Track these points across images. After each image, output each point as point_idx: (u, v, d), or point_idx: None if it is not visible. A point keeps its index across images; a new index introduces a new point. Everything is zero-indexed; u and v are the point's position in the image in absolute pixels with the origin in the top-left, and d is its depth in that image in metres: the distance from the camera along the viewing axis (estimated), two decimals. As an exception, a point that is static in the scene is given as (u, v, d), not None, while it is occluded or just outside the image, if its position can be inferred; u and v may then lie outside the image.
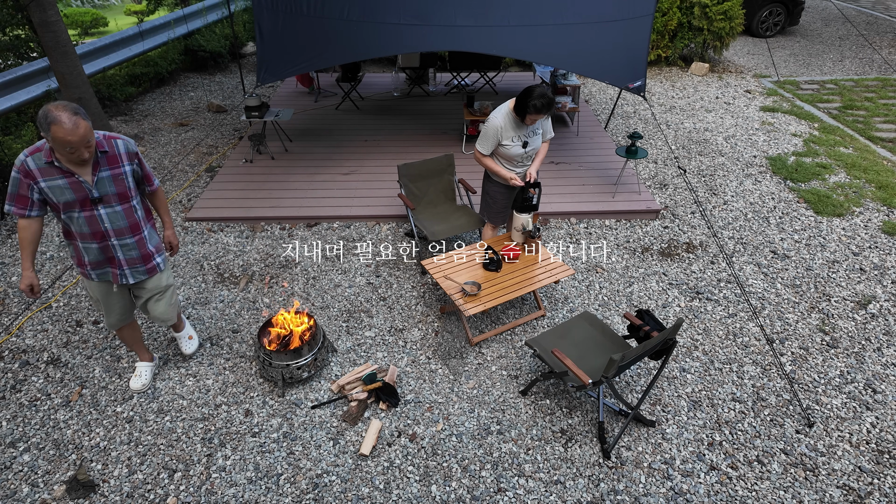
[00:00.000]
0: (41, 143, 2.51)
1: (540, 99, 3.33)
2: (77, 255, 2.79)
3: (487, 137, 3.61)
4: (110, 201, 2.67)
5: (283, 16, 5.03)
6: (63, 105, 2.34)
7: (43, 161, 2.50)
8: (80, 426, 3.15)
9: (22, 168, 2.48)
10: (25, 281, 2.73)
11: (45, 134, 2.38)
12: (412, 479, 2.89)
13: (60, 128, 2.34)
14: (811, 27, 11.66)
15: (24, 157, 2.49)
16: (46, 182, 2.52)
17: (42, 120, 2.34)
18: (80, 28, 12.83)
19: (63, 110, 2.33)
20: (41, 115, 2.34)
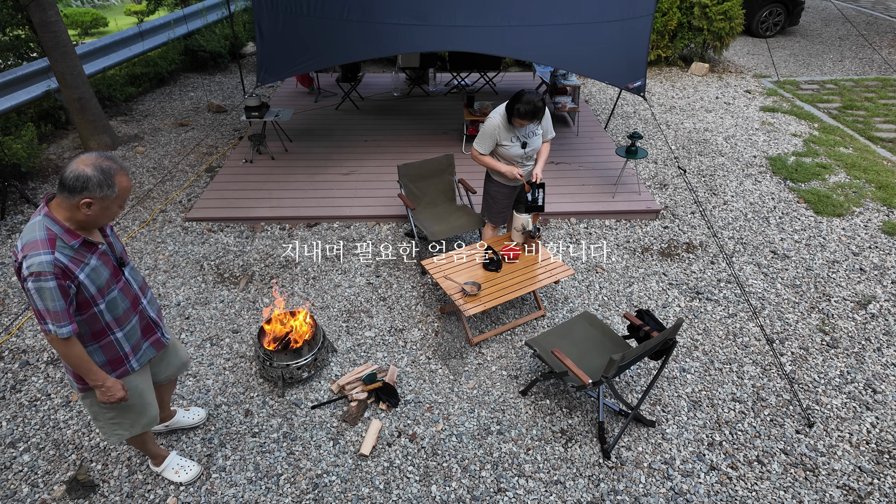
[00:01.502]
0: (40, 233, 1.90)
1: (525, 105, 3.34)
2: (112, 355, 2.21)
3: (485, 137, 3.61)
4: (125, 259, 2.25)
5: (283, 16, 5.03)
6: (93, 155, 1.93)
7: (73, 246, 1.96)
8: (80, 426, 3.15)
9: (58, 269, 1.89)
10: (118, 389, 2.20)
11: (102, 192, 1.90)
12: (412, 479, 2.89)
13: (125, 176, 1.97)
14: (811, 27, 11.66)
15: (49, 255, 1.87)
16: (83, 272, 1.98)
17: (98, 177, 1.88)
18: (80, 28, 12.83)
19: (103, 160, 1.93)
20: (95, 172, 1.87)
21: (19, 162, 5.36)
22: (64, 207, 1.94)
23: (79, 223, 1.97)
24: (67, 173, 1.87)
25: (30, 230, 1.91)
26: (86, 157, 1.90)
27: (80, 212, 1.92)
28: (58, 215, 1.94)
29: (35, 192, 5.43)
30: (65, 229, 1.94)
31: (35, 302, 1.90)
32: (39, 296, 1.88)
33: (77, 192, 1.87)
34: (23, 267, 1.87)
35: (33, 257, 1.86)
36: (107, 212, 1.97)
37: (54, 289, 1.88)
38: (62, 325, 1.94)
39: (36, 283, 1.86)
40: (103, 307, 2.09)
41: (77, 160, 1.89)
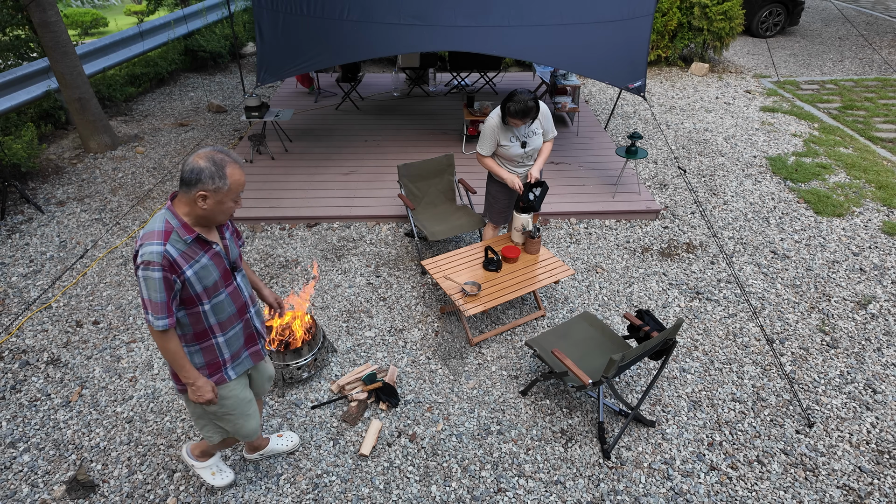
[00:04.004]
0: (159, 224, 1.93)
1: (516, 104, 3.34)
2: (210, 358, 2.19)
3: (486, 138, 3.62)
4: (238, 265, 2.22)
5: (283, 16, 5.03)
6: (208, 149, 1.94)
7: (186, 241, 1.97)
8: (80, 426, 3.15)
9: (166, 261, 1.90)
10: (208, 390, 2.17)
11: (214, 185, 1.90)
12: (412, 479, 2.89)
13: (238, 168, 1.96)
14: (811, 27, 11.66)
15: (161, 246, 1.89)
16: (192, 268, 1.98)
17: (210, 169, 1.89)
18: (80, 28, 12.83)
19: (216, 152, 1.93)
20: (208, 164, 1.89)
21: (19, 162, 5.36)
22: (183, 202, 1.96)
23: (197, 218, 1.98)
24: (184, 168, 1.91)
25: (152, 222, 1.97)
26: (201, 151, 1.93)
27: (196, 206, 1.94)
28: (178, 210, 1.97)
29: (35, 192, 5.43)
30: (181, 223, 1.95)
31: (141, 290, 1.93)
32: (145, 285, 1.91)
33: (192, 184, 1.90)
34: (137, 254, 1.92)
35: (147, 246, 1.89)
36: (221, 206, 1.96)
37: (159, 280, 1.90)
38: (159, 318, 1.95)
39: (144, 271, 1.89)
40: (208, 308, 2.08)
41: (194, 154, 1.93)
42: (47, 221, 5.00)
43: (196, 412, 2.36)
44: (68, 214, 5.10)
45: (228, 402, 2.31)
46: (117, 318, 3.92)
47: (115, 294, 4.15)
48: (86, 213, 5.12)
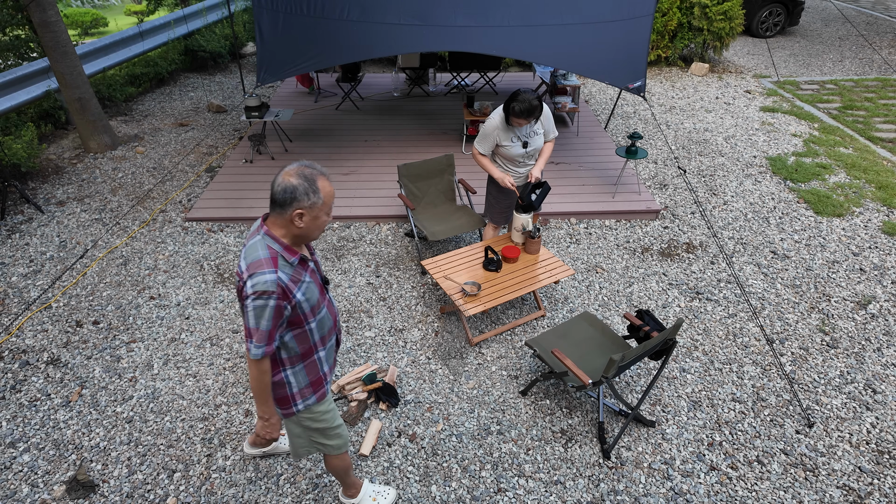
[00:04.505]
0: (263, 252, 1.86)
1: (520, 104, 3.34)
2: (314, 375, 2.16)
3: (485, 137, 3.62)
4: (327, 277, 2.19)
5: (283, 16, 5.03)
6: (294, 166, 1.86)
7: (292, 263, 1.92)
8: (80, 426, 3.15)
9: (279, 289, 1.85)
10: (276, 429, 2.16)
11: (309, 200, 1.84)
12: (412, 479, 2.89)
13: (327, 180, 1.90)
14: (811, 27, 11.66)
15: (273, 274, 1.83)
16: (300, 290, 1.94)
17: (303, 185, 1.82)
18: (80, 28, 12.83)
19: (304, 167, 1.86)
20: (300, 181, 1.82)
21: (19, 162, 5.36)
22: (279, 224, 1.90)
23: (294, 238, 1.93)
24: (276, 188, 1.84)
25: (252, 250, 1.88)
26: (288, 169, 1.85)
27: (293, 225, 1.88)
28: (275, 232, 1.91)
29: (35, 193, 5.43)
30: (283, 246, 1.90)
31: (249, 319, 1.87)
32: (255, 314, 1.85)
33: (288, 204, 1.84)
34: (247, 286, 1.84)
35: (258, 276, 1.82)
36: (316, 221, 1.91)
37: (272, 308, 1.85)
38: (260, 346, 1.91)
39: (257, 301, 1.83)
40: (314, 326, 2.05)
41: (281, 174, 1.85)
42: (47, 221, 5.00)
43: (298, 432, 2.29)
44: (68, 214, 5.10)
45: (329, 416, 2.28)
46: (117, 318, 3.92)
47: (115, 294, 4.15)
48: (86, 213, 5.12)
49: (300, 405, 2.17)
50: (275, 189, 1.84)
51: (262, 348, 1.92)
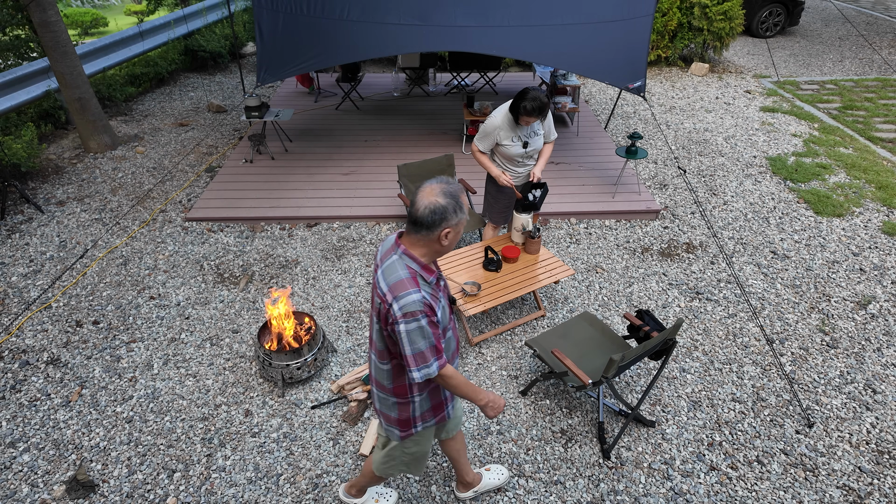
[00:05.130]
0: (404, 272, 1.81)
1: (531, 101, 3.34)
2: (437, 400, 2.11)
3: (486, 135, 3.62)
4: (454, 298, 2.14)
5: (283, 16, 5.03)
6: (435, 184, 1.80)
7: (430, 282, 1.88)
8: (80, 426, 3.15)
9: (426, 307, 1.80)
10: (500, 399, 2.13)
11: (456, 218, 1.79)
12: (412, 478, 2.89)
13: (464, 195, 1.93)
14: (811, 27, 11.66)
15: (418, 293, 1.78)
16: (438, 308, 1.88)
17: (452, 204, 1.77)
18: (80, 28, 12.83)
19: (445, 185, 1.80)
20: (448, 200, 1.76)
21: (19, 162, 5.36)
22: (420, 244, 1.83)
23: (432, 256, 1.87)
24: (422, 210, 1.76)
25: (391, 270, 1.82)
26: (430, 188, 1.78)
27: (437, 244, 1.83)
28: (414, 252, 1.85)
29: (35, 192, 5.43)
30: (421, 265, 1.84)
31: (405, 345, 1.80)
32: (411, 338, 1.79)
33: (436, 225, 1.77)
34: (393, 309, 1.78)
35: (405, 297, 1.76)
36: (457, 237, 1.86)
37: (426, 325, 1.79)
38: (435, 360, 1.84)
39: (409, 324, 1.77)
40: (443, 346, 1.96)
41: (423, 193, 1.78)
42: (47, 221, 5.00)
43: (393, 455, 2.26)
44: (68, 214, 5.10)
45: (430, 441, 2.24)
46: (117, 318, 3.92)
47: (115, 294, 4.15)
48: (86, 213, 5.12)
49: (419, 427, 2.12)
50: (421, 211, 1.77)
51: (436, 362, 1.84)
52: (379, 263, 1.89)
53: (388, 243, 1.92)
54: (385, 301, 1.80)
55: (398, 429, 2.12)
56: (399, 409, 2.06)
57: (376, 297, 1.87)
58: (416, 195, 1.79)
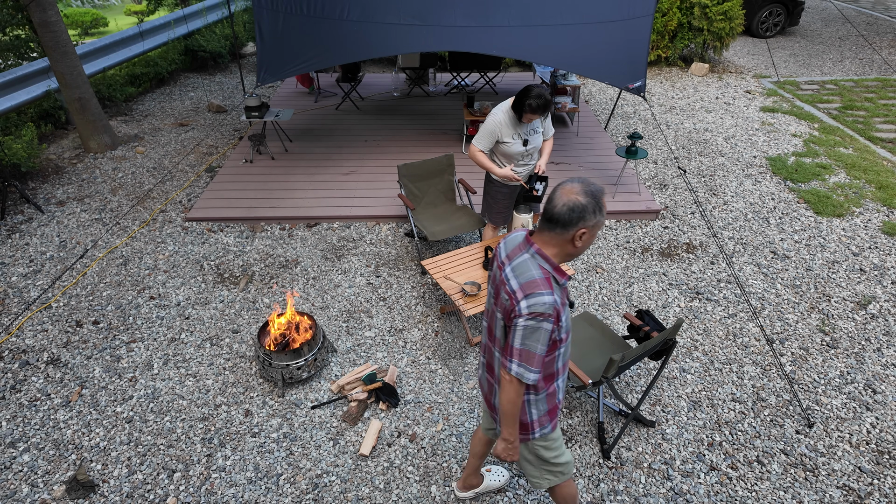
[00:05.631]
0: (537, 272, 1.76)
1: (536, 99, 3.33)
2: (552, 404, 2.04)
3: (486, 134, 3.58)
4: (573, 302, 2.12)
5: (283, 16, 5.03)
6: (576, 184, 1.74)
7: (563, 285, 1.84)
8: (80, 426, 3.15)
9: (556, 312, 1.76)
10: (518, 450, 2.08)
11: (595, 219, 1.73)
12: (412, 479, 2.89)
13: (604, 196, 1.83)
14: (811, 27, 11.66)
15: (552, 296, 1.73)
16: (564, 312, 1.83)
17: (591, 203, 1.71)
18: (80, 28, 12.83)
19: (587, 185, 1.75)
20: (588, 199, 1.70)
21: (19, 162, 5.36)
22: (554, 243, 1.78)
23: (564, 257, 1.81)
24: (560, 208, 1.71)
25: (523, 269, 1.78)
26: (571, 186, 1.73)
27: (571, 244, 1.77)
28: (547, 251, 1.79)
29: (35, 192, 5.43)
30: (554, 267, 1.78)
31: (516, 337, 1.77)
32: (530, 335, 1.75)
33: (573, 224, 1.72)
34: (520, 306, 1.74)
35: (536, 297, 1.72)
36: (592, 239, 1.80)
37: (547, 332, 1.75)
38: (534, 371, 1.80)
39: (536, 322, 1.73)
40: (563, 350, 1.93)
41: (562, 191, 1.73)
42: (47, 221, 5.00)
43: (535, 461, 2.21)
44: (68, 214, 5.10)
45: (559, 442, 2.19)
46: (117, 318, 3.92)
47: (115, 294, 4.15)
48: (86, 213, 5.12)
49: (537, 433, 2.08)
50: (558, 208, 1.72)
51: (537, 374, 1.81)
52: (505, 261, 1.84)
53: (515, 240, 1.88)
54: (514, 299, 1.76)
55: (526, 431, 2.08)
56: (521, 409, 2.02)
57: (503, 294, 1.81)
58: (555, 192, 1.74)
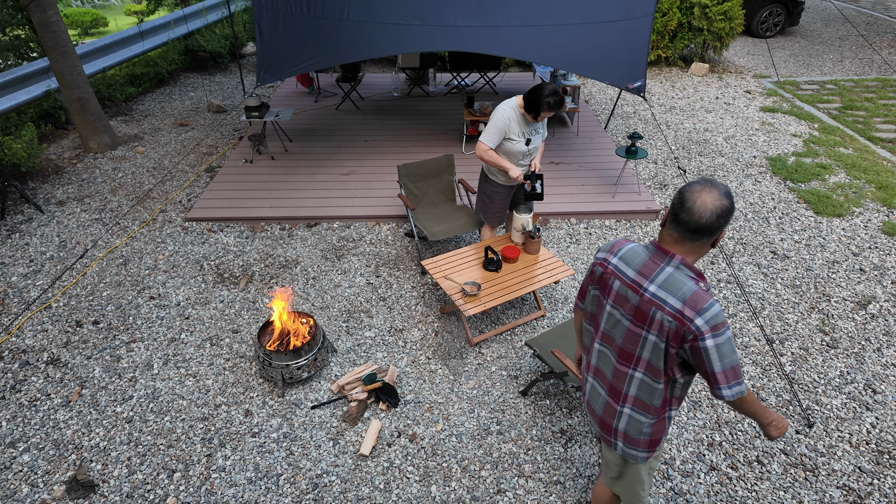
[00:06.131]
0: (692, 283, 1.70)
1: (553, 96, 3.32)
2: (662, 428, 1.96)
3: (496, 130, 3.51)
4: None
5: (283, 16, 5.03)
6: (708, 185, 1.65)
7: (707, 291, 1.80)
8: (80, 426, 3.15)
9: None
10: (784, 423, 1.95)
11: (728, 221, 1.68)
12: (412, 479, 2.89)
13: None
14: (811, 27, 11.66)
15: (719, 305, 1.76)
16: None
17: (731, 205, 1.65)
18: (80, 28, 12.83)
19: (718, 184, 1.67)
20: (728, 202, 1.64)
21: (19, 162, 5.36)
22: (697, 251, 1.71)
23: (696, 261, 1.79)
24: (708, 216, 1.62)
25: (676, 284, 1.70)
26: (708, 192, 1.63)
27: (710, 247, 1.73)
28: (689, 260, 1.73)
29: (35, 192, 5.43)
30: (698, 274, 1.72)
31: (713, 362, 1.66)
32: (721, 351, 1.65)
33: (720, 228, 1.65)
34: (696, 325, 1.65)
35: (709, 310, 1.64)
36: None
37: (731, 338, 1.67)
38: (742, 380, 1.71)
39: (716, 336, 1.64)
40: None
41: (701, 198, 1.63)
42: (47, 221, 5.00)
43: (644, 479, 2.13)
44: (68, 214, 5.10)
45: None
46: (117, 318, 3.92)
47: (115, 294, 4.15)
48: (86, 213, 5.12)
49: (657, 451, 2.02)
50: (707, 217, 1.62)
51: (743, 384, 1.71)
52: (639, 280, 1.77)
53: (637, 254, 1.80)
54: (682, 318, 1.67)
55: (646, 450, 1.98)
56: (654, 428, 1.93)
57: (661, 316, 1.71)
58: (692, 202, 1.63)
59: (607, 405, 1.99)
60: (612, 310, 1.87)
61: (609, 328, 1.91)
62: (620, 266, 1.84)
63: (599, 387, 2.02)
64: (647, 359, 1.81)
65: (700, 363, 1.69)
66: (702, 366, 1.69)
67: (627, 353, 1.86)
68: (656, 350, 1.76)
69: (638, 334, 1.80)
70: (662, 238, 1.75)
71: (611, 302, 1.87)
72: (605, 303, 1.90)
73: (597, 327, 1.97)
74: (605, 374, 1.98)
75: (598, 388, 2.03)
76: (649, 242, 1.80)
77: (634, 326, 1.81)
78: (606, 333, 1.93)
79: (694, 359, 1.70)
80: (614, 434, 2.00)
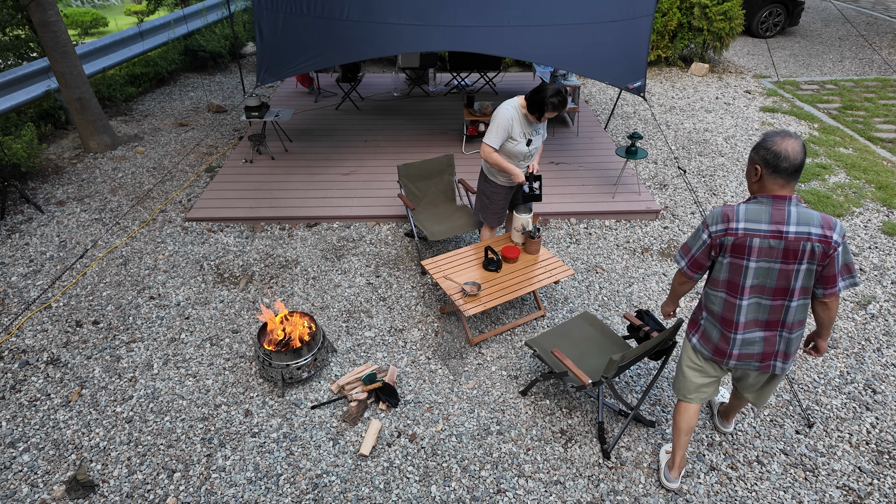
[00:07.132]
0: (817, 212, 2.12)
1: (557, 96, 3.31)
2: None
3: (500, 130, 3.49)
4: None
5: (283, 16, 5.03)
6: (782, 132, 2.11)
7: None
8: (80, 426, 3.15)
9: None
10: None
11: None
12: (412, 479, 2.89)
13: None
14: (811, 27, 11.66)
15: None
16: None
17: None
18: (80, 28, 12.83)
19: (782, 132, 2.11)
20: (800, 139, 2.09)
21: (19, 162, 5.36)
22: (793, 187, 2.12)
23: None
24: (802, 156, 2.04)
25: (806, 217, 2.09)
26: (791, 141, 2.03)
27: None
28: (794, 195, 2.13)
29: (35, 192, 5.43)
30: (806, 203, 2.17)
31: (839, 260, 2.11)
32: (846, 251, 2.12)
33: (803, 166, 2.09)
34: (835, 238, 2.07)
35: (837, 224, 2.09)
36: None
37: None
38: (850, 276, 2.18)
39: (846, 243, 2.12)
40: None
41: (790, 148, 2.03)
42: (47, 221, 5.00)
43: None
44: (68, 214, 5.10)
45: None
46: (117, 318, 3.92)
47: (115, 294, 4.15)
48: (86, 213, 5.12)
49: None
50: (801, 156, 2.04)
51: (847, 280, 2.16)
52: (777, 228, 2.10)
53: (763, 210, 2.12)
54: (826, 240, 2.07)
55: (787, 362, 2.37)
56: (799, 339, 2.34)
57: (808, 245, 2.08)
58: (784, 150, 2.03)
59: (766, 340, 2.31)
60: (759, 263, 2.16)
61: (759, 280, 2.20)
62: (751, 226, 2.14)
63: (754, 333, 2.31)
64: (801, 287, 2.17)
65: (830, 267, 2.12)
66: (830, 269, 2.12)
67: (782, 289, 2.19)
68: (808, 275, 2.14)
69: (790, 270, 2.14)
70: (769, 188, 2.12)
71: (754, 258, 2.16)
72: (746, 262, 2.19)
73: (739, 288, 2.24)
74: (760, 319, 2.28)
75: (754, 335, 2.32)
76: (759, 197, 2.15)
77: (785, 265, 2.14)
78: (756, 286, 2.22)
79: (826, 267, 2.12)
80: (774, 357, 2.35)
